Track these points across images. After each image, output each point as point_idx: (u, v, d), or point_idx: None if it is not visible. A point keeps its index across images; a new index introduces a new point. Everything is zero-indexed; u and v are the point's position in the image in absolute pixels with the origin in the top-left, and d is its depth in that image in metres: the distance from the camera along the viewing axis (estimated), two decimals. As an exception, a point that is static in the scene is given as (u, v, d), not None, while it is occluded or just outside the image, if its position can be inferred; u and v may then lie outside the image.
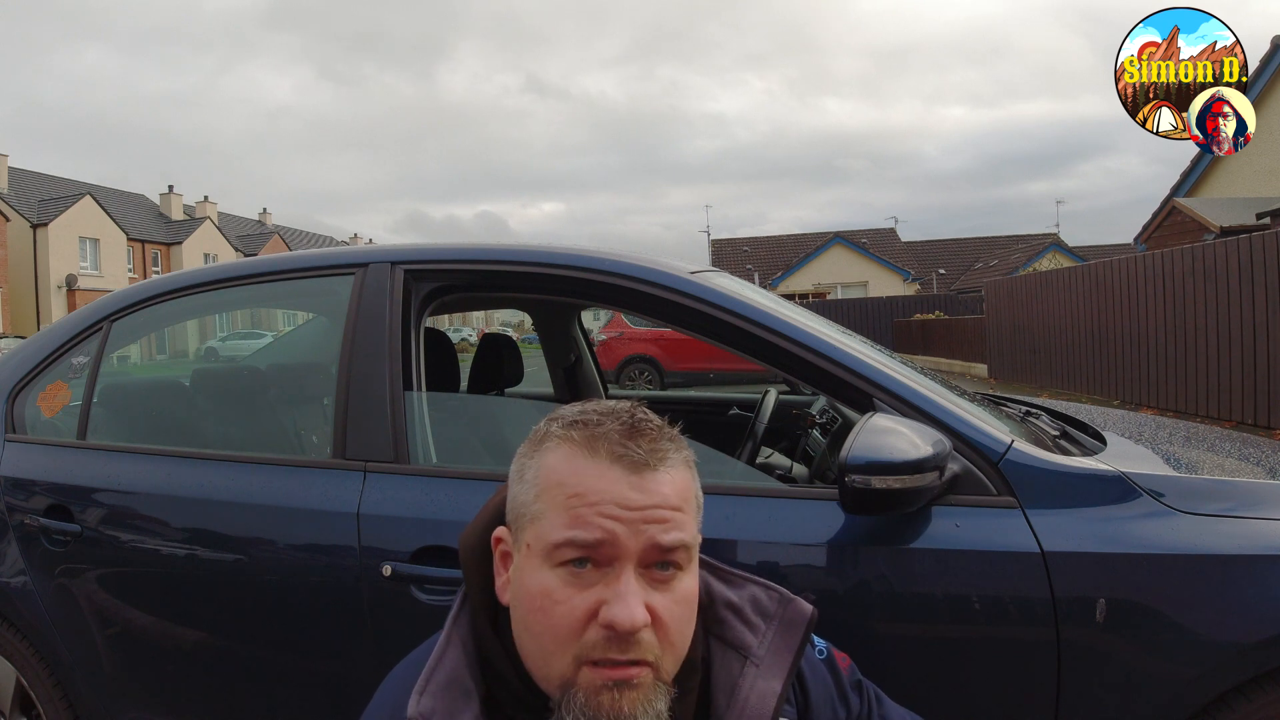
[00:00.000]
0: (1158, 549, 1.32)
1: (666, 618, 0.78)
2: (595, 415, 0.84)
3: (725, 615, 0.91)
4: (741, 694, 0.86)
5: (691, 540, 0.82)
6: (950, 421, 1.46)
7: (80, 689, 1.80)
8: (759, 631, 0.91)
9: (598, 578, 0.77)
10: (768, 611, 0.93)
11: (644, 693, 0.75)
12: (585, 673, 0.75)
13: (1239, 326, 7.78)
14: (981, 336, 15.65)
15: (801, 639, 0.91)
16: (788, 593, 0.95)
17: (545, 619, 0.77)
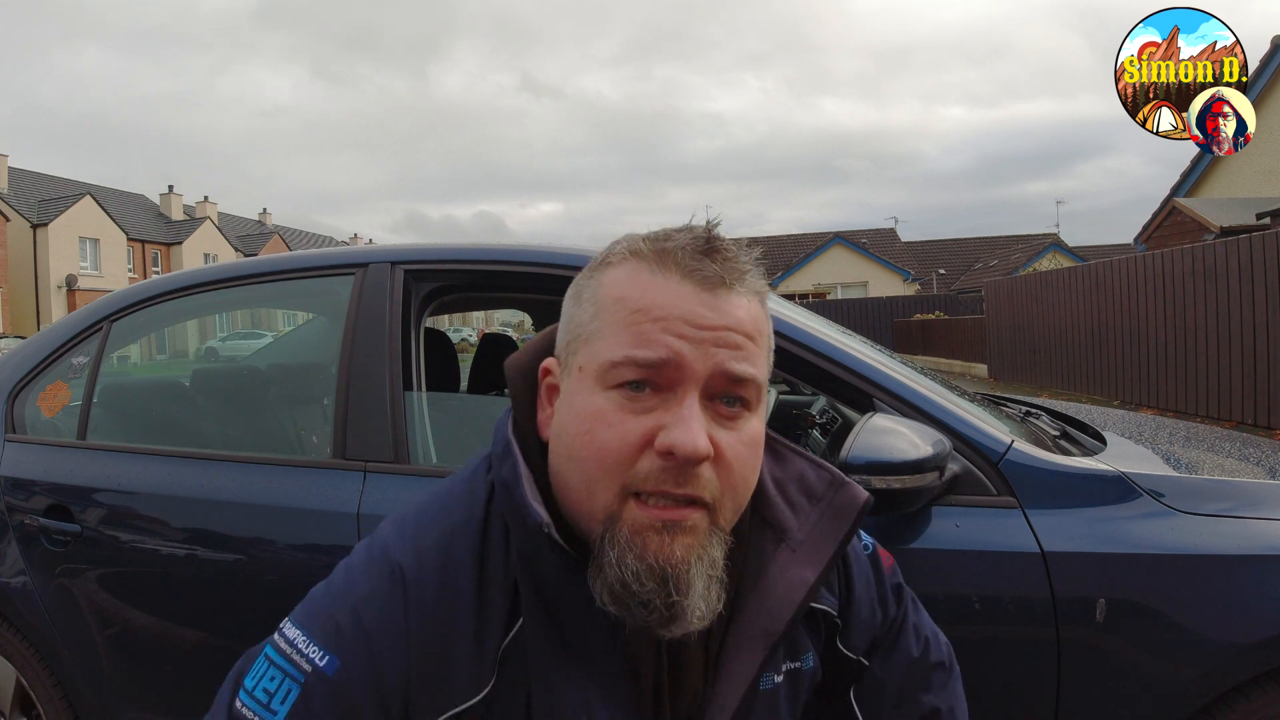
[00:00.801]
0: (1158, 549, 1.32)
1: (731, 456, 0.67)
2: (666, 231, 0.73)
3: (766, 489, 0.80)
4: (769, 577, 0.76)
5: (762, 379, 0.71)
6: (950, 421, 1.46)
7: (80, 689, 1.80)
8: (802, 513, 0.80)
9: (656, 403, 0.67)
10: (815, 493, 0.81)
11: (698, 538, 0.65)
12: (632, 508, 0.65)
13: (1239, 326, 7.78)
14: (981, 336, 15.65)
15: (849, 530, 0.79)
16: (840, 475, 0.82)
17: (593, 442, 0.66)
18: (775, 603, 0.75)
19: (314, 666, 0.66)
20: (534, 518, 0.67)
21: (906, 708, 0.90)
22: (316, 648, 0.66)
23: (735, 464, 0.68)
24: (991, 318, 14.99)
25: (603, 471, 0.66)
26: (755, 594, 0.75)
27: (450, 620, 0.67)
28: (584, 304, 0.74)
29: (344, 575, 0.71)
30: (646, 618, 0.65)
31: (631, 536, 0.65)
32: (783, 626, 0.74)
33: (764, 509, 0.79)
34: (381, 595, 0.67)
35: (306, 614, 0.70)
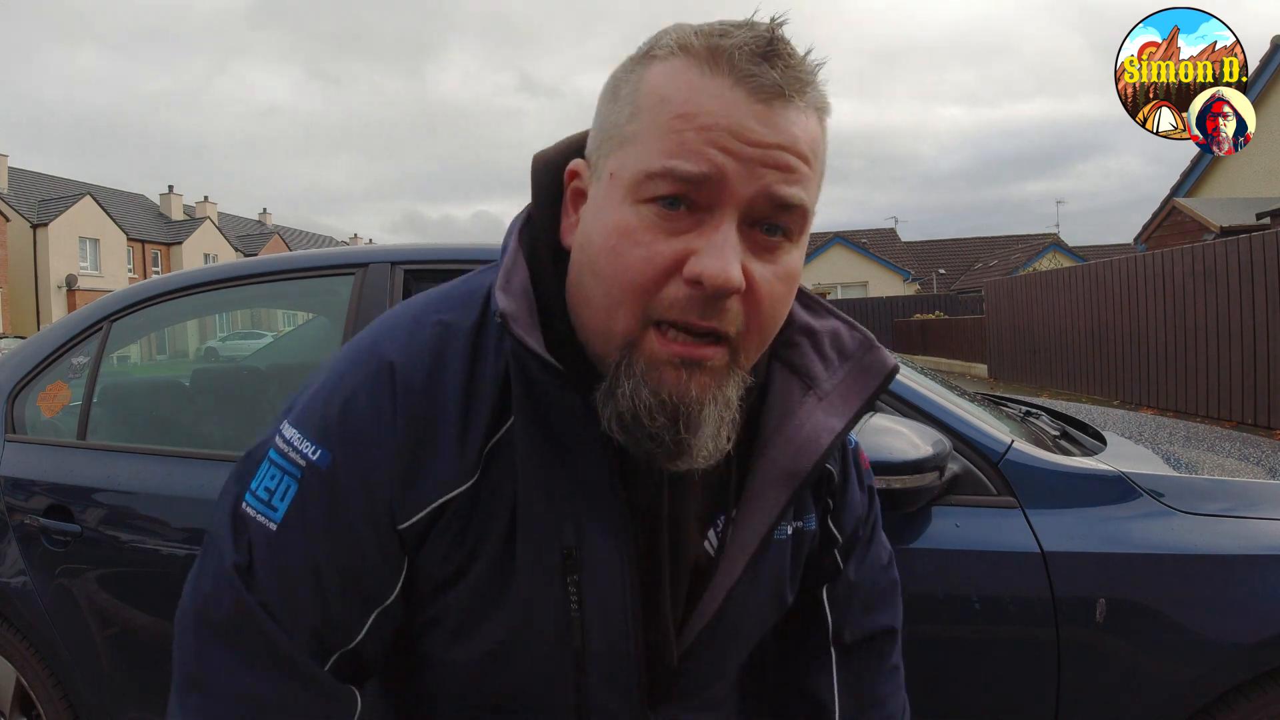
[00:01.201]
0: (1158, 549, 1.32)
1: (763, 291, 0.62)
2: (723, 25, 0.63)
3: (798, 339, 0.76)
4: (796, 420, 0.72)
5: (811, 207, 0.64)
6: (950, 421, 1.46)
7: (80, 689, 1.80)
8: (831, 367, 0.76)
9: (690, 225, 0.60)
10: (846, 350, 0.77)
11: (716, 377, 0.62)
12: (653, 338, 0.61)
13: (1239, 326, 7.78)
14: (981, 336, 15.65)
15: (876, 389, 0.75)
16: (873, 338, 0.78)
17: (618, 261, 0.61)
18: (801, 445, 0.71)
19: (308, 461, 0.66)
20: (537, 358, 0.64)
21: (871, 617, 0.89)
22: (310, 444, 0.66)
23: (766, 300, 0.62)
24: (991, 318, 14.99)
25: (625, 294, 0.61)
26: (780, 436, 0.72)
27: (436, 413, 0.66)
28: (621, 102, 0.65)
29: (335, 372, 0.69)
30: (653, 450, 0.63)
31: (648, 369, 0.61)
32: (808, 469, 0.71)
33: (792, 354, 0.76)
34: (370, 390, 0.66)
35: (301, 412, 0.69)
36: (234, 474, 0.71)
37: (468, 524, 0.66)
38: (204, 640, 0.66)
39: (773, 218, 0.62)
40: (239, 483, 0.70)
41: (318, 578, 0.65)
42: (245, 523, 0.67)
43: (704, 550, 0.74)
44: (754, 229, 0.62)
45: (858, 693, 0.88)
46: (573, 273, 0.67)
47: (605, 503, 0.67)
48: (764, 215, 0.62)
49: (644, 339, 0.61)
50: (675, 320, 0.60)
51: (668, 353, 0.61)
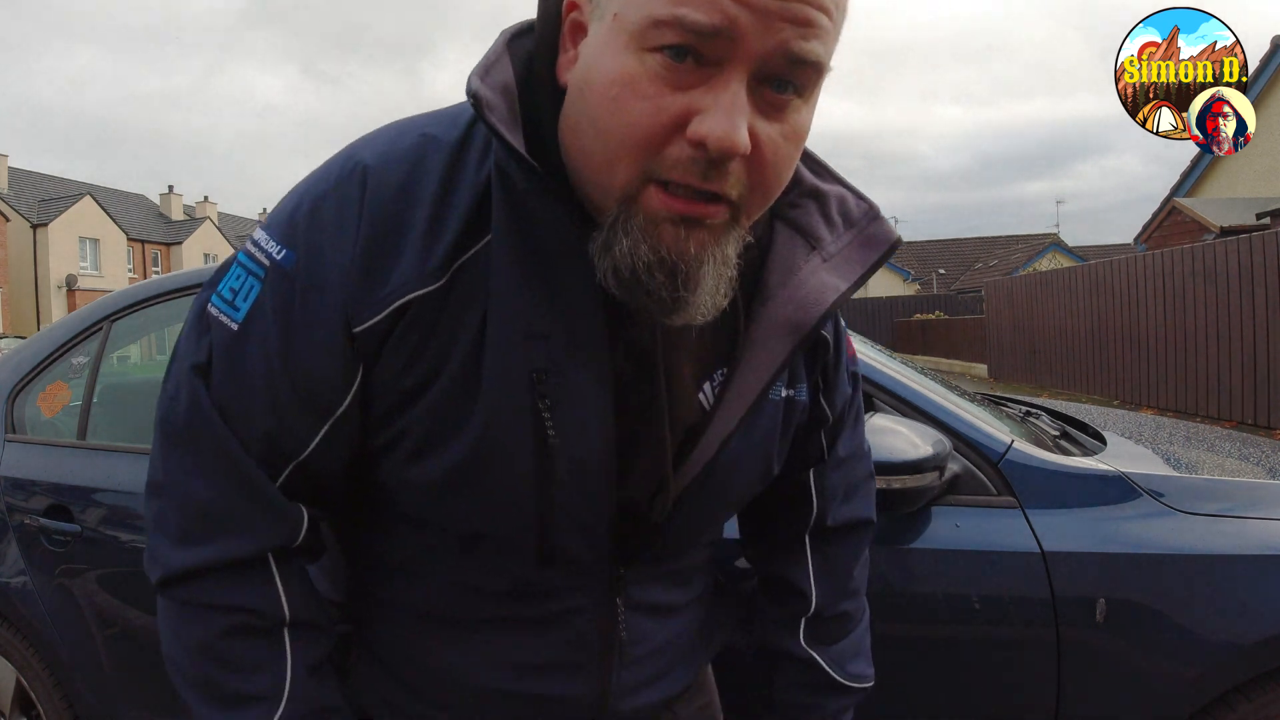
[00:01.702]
0: (1158, 549, 1.32)
1: (769, 152, 0.58)
2: None
3: (804, 201, 0.74)
4: (800, 276, 0.70)
5: (827, 64, 0.59)
6: (950, 421, 1.46)
7: (80, 689, 1.80)
8: (836, 230, 0.74)
9: (697, 80, 0.56)
10: (851, 216, 0.75)
11: (715, 235, 0.59)
12: (653, 193, 0.57)
13: (1239, 326, 7.79)
14: (981, 336, 15.66)
15: (880, 258, 0.74)
16: (879, 208, 0.77)
17: (620, 115, 0.56)
18: (804, 300, 0.69)
19: (273, 261, 0.64)
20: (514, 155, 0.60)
21: (852, 505, 0.90)
22: (276, 244, 0.64)
23: (771, 161, 0.59)
24: (991, 318, 15.00)
25: (625, 149, 0.57)
26: (784, 290, 0.70)
27: (404, 214, 0.62)
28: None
29: (311, 177, 0.67)
30: (649, 305, 0.60)
31: (647, 225, 0.58)
32: (811, 323, 0.69)
33: (796, 214, 0.73)
34: (340, 193, 0.63)
35: (273, 214, 0.67)
36: (209, 279, 0.70)
37: (430, 333, 0.63)
38: (164, 443, 0.67)
39: (786, 74, 0.57)
40: (210, 284, 0.68)
41: (272, 380, 0.63)
42: (209, 323, 0.66)
43: (698, 403, 0.71)
44: (764, 86, 0.57)
45: (834, 580, 0.89)
46: (569, 116, 0.62)
47: (586, 330, 0.64)
48: (777, 72, 0.57)
49: (643, 194, 0.58)
50: (676, 180, 0.57)
51: (667, 209, 0.58)
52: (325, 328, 0.62)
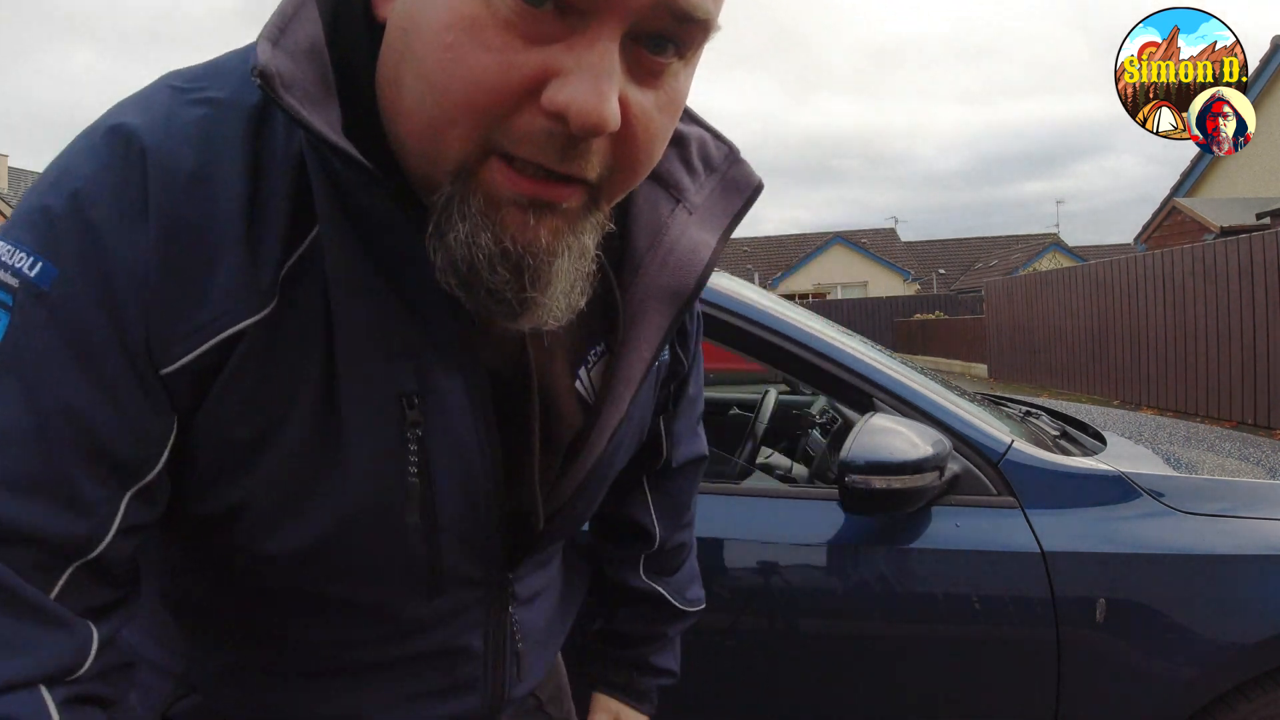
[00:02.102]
0: (1158, 549, 1.32)
1: (640, 127, 0.47)
2: None
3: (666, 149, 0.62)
4: (670, 236, 0.61)
5: (715, 21, 0.47)
6: (950, 421, 1.47)
7: (80, 689, 1.80)
8: (698, 178, 0.65)
9: (559, 32, 0.44)
10: (713, 162, 0.66)
11: (570, 222, 0.48)
12: (495, 168, 0.45)
13: (1239, 326, 7.79)
14: (981, 336, 15.66)
15: (742, 206, 0.66)
16: (738, 149, 0.68)
17: (457, 66, 0.43)
18: (679, 262, 0.61)
19: (22, 280, 0.45)
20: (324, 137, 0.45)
21: (690, 444, 0.90)
22: (25, 252, 0.45)
23: (643, 138, 0.48)
24: (991, 318, 15.00)
25: (462, 113, 0.44)
26: (655, 254, 0.61)
27: (209, 212, 0.46)
28: None
29: (62, 158, 0.48)
30: (493, 308, 0.49)
31: (487, 209, 0.46)
32: (691, 286, 0.61)
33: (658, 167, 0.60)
34: (111, 178, 0.46)
35: (16, 213, 0.48)
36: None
37: (266, 369, 0.49)
38: None
39: (668, 31, 0.46)
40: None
41: (43, 444, 0.44)
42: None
43: (576, 392, 0.62)
44: (638, 45, 0.46)
45: (673, 515, 0.91)
46: (387, 63, 0.48)
47: (448, 339, 0.53)
48: (657, 29, 0.45)
49: (483, 169, 0.46)
50: (525, 157, 0.45)
51: (513, 190, 0.46)
52: (116, 368, 0.45)
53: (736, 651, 1.40)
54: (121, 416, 0.46)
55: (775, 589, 1.39)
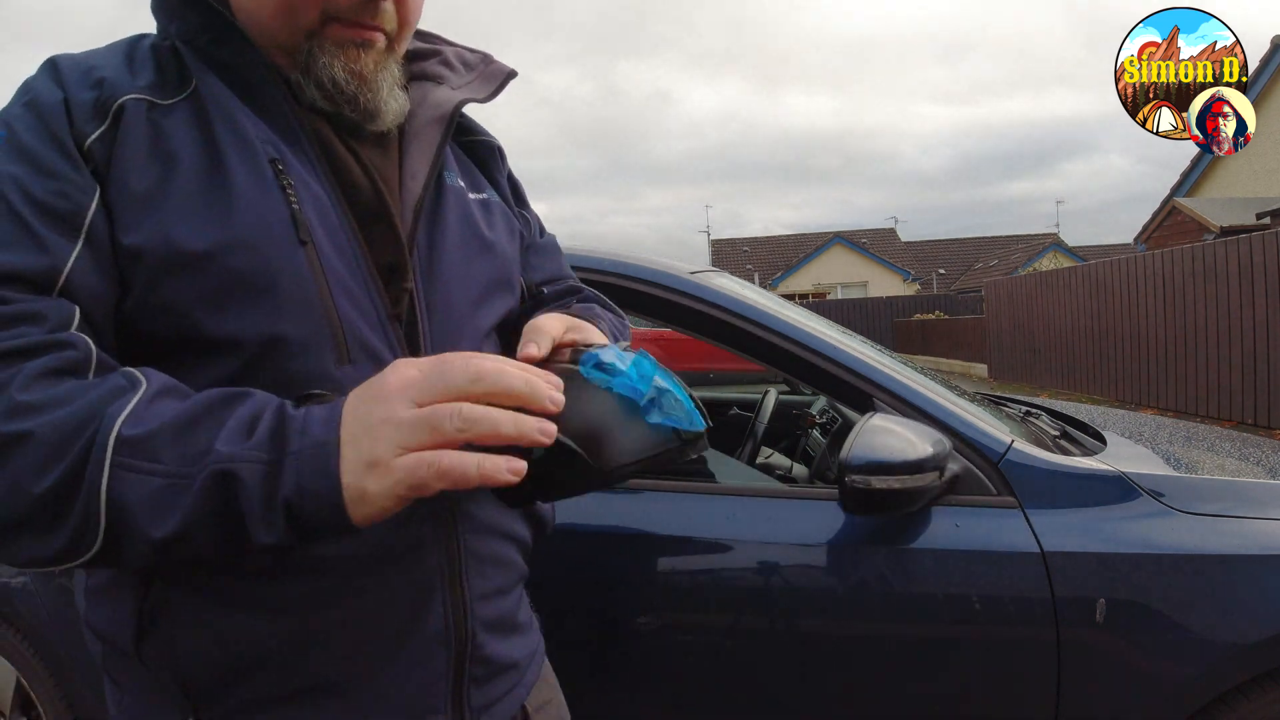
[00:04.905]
0: (1158, 549, 1.32)
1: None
2: None
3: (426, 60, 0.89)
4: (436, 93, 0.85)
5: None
6: (950, 421, 1.47)
7: (80, 689, 1.80)
8: (458, 72, 0.90)
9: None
10: (470, 63, 0.92)
11: (381, 57, 0.75)
12: (334, 27, 0.72)
13: (1239, 326, 7.79)
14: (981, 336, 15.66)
15: (500, 84, 0.90)
16: (492, 55, 0.94)
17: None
18: (437, 101, 0.83)
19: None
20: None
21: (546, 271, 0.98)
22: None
23: (412, 4, 0.77)
24: (991, 318, 15.00)
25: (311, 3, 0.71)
26: (424, 105, 0.83)
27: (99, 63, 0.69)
28: None
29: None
30: (352, 113, 0.74)
31: (334, 49, 0.72)
32: (450, 109, 0.82)
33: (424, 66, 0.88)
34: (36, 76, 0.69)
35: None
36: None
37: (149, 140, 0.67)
38: None
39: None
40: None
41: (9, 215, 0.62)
42: None
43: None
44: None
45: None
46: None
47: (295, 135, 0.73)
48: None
49: (325, 28, 0.72)
50: (348, 18, 0.72)
51: (348, 35, 0.73)
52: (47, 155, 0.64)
53: (736, 651, 1.40)
54: (55, 180, 0.63)
55: (775, 589, 1.39)
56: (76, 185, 0.64)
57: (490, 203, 0.88)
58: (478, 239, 0.83)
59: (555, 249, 1.02)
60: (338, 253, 0.70)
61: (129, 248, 0.64)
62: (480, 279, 0.82)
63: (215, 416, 0.57)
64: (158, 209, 0.65)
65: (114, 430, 0.55)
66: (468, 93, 0.86)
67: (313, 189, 0.71)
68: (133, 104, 0.67)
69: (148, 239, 0.64)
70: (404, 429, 0.55)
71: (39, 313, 0.60)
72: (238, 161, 0.68)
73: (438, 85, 0.87)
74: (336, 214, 0.72)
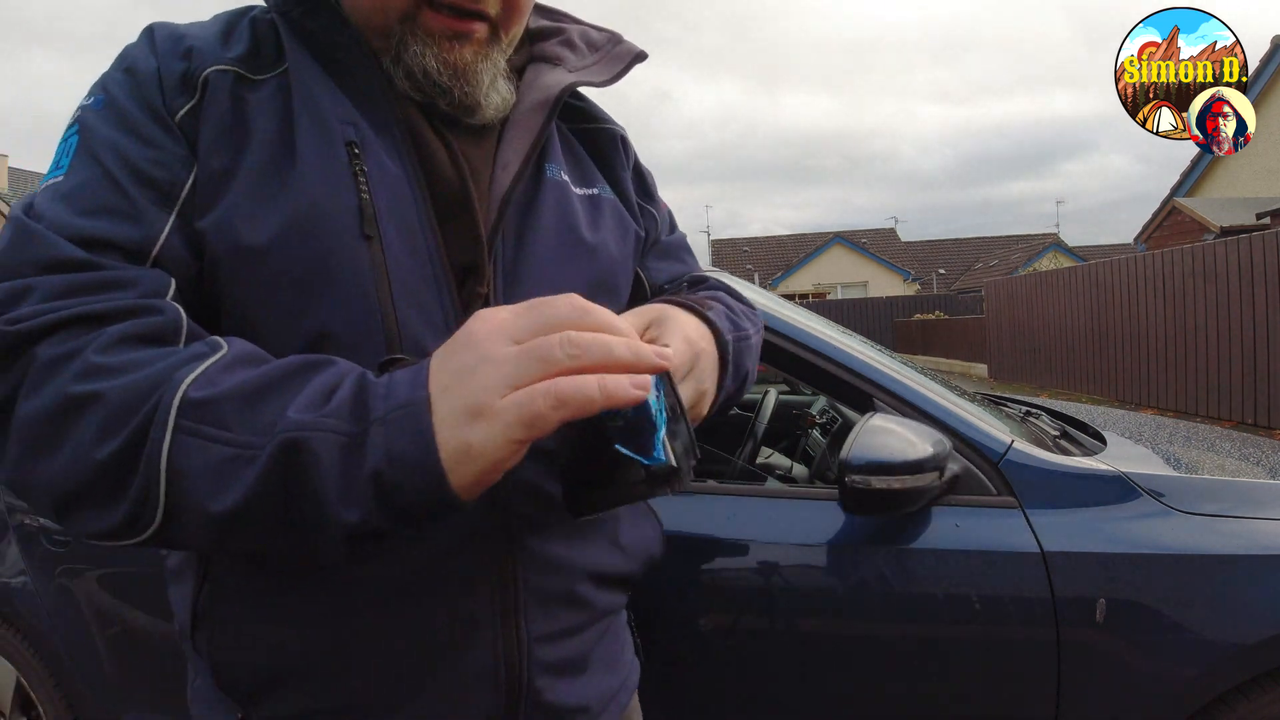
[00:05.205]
0: (1158, 549, 1.32)
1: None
2: None
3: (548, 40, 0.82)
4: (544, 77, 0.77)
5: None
6: (950, 421, 1.47)
7: (80, 689, 1.80)
8: (580, 53, 0.82)
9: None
10: (596, 43, 0.84)
11: (482, 47, 0.69)
12: (427, 13, 0.67)
13: (1239, 326, 7.79)
14: (981, 336, 15.66)
15: (626, 66, 0.82)
16: (621, 35, 0.85)
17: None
18: (544, 85, 0.76)
19: (83, 109, 0.65)
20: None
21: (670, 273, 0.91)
22: (88, 97, 0.66)
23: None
24: (991, 318, 15.00)
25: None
26: (531, 89, 0.76)
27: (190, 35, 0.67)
28: None
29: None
30: (449, 105, 0.69)
31: (426, 38, 0.67)
32: (555, 93, 0.75)
33: (544, 48, 0.81)
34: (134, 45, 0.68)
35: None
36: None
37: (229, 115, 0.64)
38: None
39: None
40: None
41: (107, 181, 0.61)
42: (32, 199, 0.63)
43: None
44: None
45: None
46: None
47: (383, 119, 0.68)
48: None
49: (420, 14, 0.67)
50: (444, 3, 0.67)
51: (441, 26, 0.67)
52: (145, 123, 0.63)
53: (736, 651, 1.40)
54: (152, 148, 0.62)
55: (775, 589, 1.39)
56: (174, 156, 0.62)
57: (600, 199, 0.80)
58: (575, 240, 0.75)
59: (682, 247, 0.94)
60: (408, 249, 0.65)
61: (198, 230, 0.62)
62: (573, 284, 0.72)
63: (291, 383, 0.53)
64: (225, 192, 0.63)
65: (179, 392, 0.51)
66: (583, 75, 0.78)
67: (391, 176, 0.66)
68: (217, 75, 0.64)
69: (212, 225, 0.62)
70: (508, 365, 0.49)
71: (132, 279, 0.58)
72: (310, 142, 0.64)
73: (553, 67, 0.79)
74: (415, 205, 0.66)
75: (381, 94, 0.68)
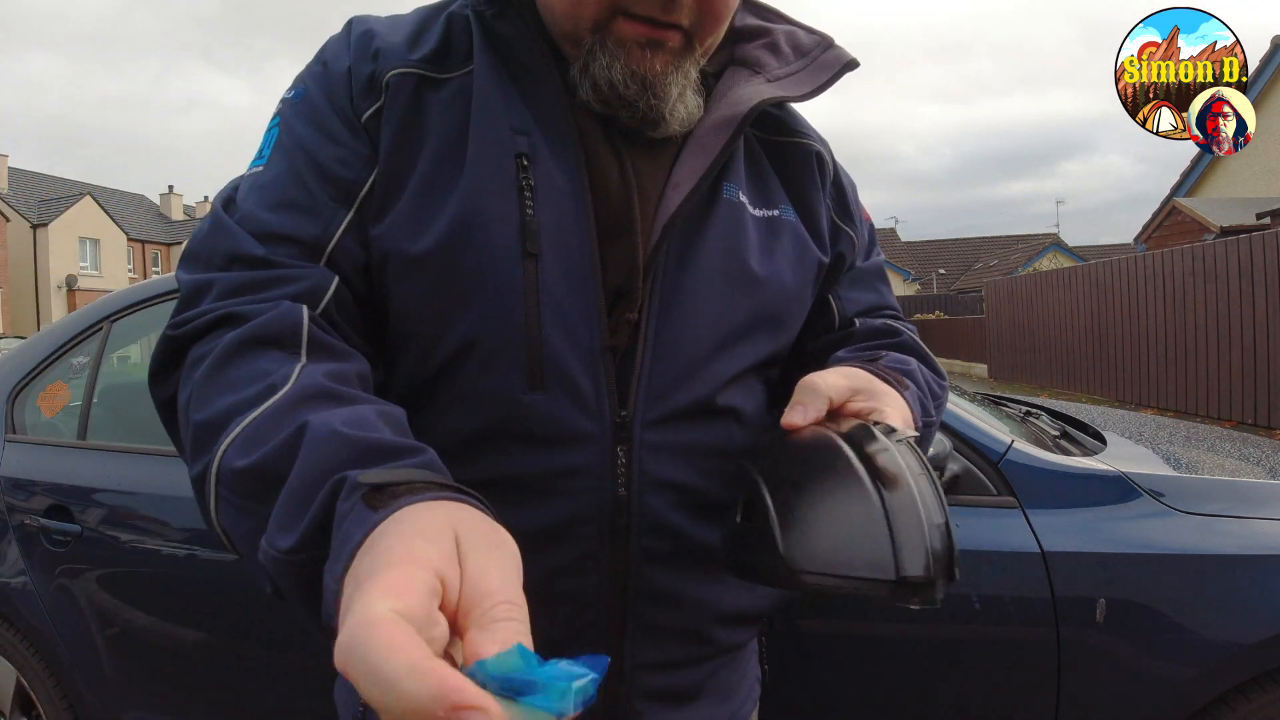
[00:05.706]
0: (1158, 549, 1.32)
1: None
2: None
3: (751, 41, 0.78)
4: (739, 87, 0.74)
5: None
6: (950, 421, 1.47)
7: (80, 689, 1.80)
8: (784, 59, 0.77)
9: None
10: (803, 48, 0.79)
11: (675, 56, 0.67)
12: (621, 22, 0.65)
13: (1239, 326, 7.79)
14: (981, 336, 15.66)
15: (834, 75, 0.77)
16: (833, 39, 0.80)
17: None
18: (737, 98, 0.72)
19: (285, 102, 0.69)
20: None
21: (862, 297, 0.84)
22: (290, 90, 0.70)
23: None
24: (991, 318, 15.00)
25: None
26: (723, 100, 0.73)
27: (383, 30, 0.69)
28: None
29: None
30: (631, 118, 0.67)
31: (617, 48, 0.66)
32: (744, 110, 0.71)
33: (744, 50, 0.77)
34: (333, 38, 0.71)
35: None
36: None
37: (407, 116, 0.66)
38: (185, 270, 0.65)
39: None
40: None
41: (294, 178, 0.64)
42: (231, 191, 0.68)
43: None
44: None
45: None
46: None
47: (560, 131, 0.67)
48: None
49: (613, 23, 0.65)
50: (639, 13, 0.65)
51: (634, 34, 0.65)
52: (333, 122, 0.66)
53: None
54: (338, 146, 0.65)
55: (775, 589, 1.39)
56: (358, 155, 0.65)
57: (779, 221, 0.75)
58: (740, 269, 0.71)
59: (877, 275, 0.87)
60: (563, 269, 0.64)
61: (371, 234, 0.65)
62: (735, 317, 0.70)
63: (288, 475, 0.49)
64: (399, 195, 0.64)
65: (217, 459, 0.52)
66: (782, 88, 0.74)
67: (557, 191, 0.65)
68: (397, 79, 0.66)
69: (382, 232, 0.64)
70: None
71: (297, 277, 0.60)
72: (480, 151, 0.65)
73: (751, 76, 0.75)
74: (578, 224, 0.65)
75: (561, 104, 0.67)
